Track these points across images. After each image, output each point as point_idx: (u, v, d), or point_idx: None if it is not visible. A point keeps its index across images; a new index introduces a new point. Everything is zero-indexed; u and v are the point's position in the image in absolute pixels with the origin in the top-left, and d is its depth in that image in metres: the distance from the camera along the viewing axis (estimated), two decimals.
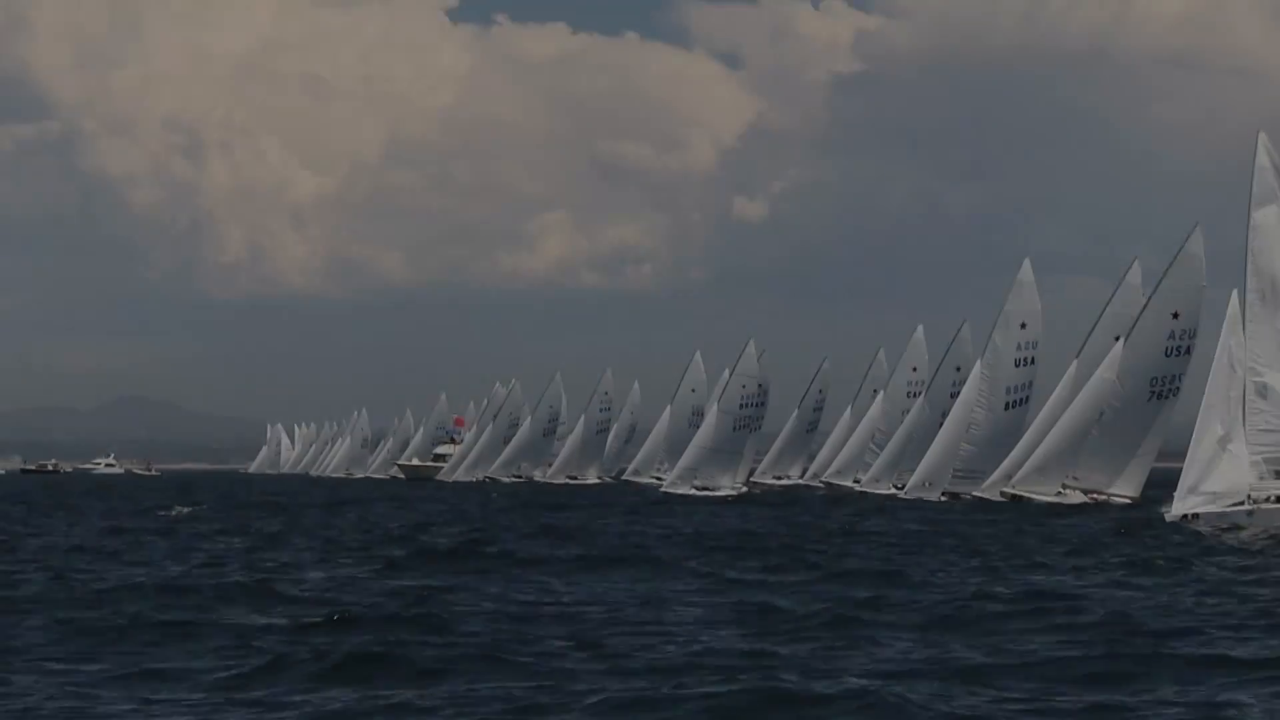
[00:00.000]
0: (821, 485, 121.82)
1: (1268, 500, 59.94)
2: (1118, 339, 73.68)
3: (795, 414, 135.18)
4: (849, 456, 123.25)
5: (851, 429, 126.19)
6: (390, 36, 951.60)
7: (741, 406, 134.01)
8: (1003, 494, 74.58)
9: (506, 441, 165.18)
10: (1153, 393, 72.55)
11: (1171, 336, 72.24)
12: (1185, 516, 58.02)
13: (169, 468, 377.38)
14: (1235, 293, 62.39)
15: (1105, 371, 72.18)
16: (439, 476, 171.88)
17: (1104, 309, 78.89)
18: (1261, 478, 59.85)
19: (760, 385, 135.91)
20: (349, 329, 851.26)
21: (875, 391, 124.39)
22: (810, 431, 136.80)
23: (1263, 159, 61.41)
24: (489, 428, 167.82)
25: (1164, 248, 65.41)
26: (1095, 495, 73.24)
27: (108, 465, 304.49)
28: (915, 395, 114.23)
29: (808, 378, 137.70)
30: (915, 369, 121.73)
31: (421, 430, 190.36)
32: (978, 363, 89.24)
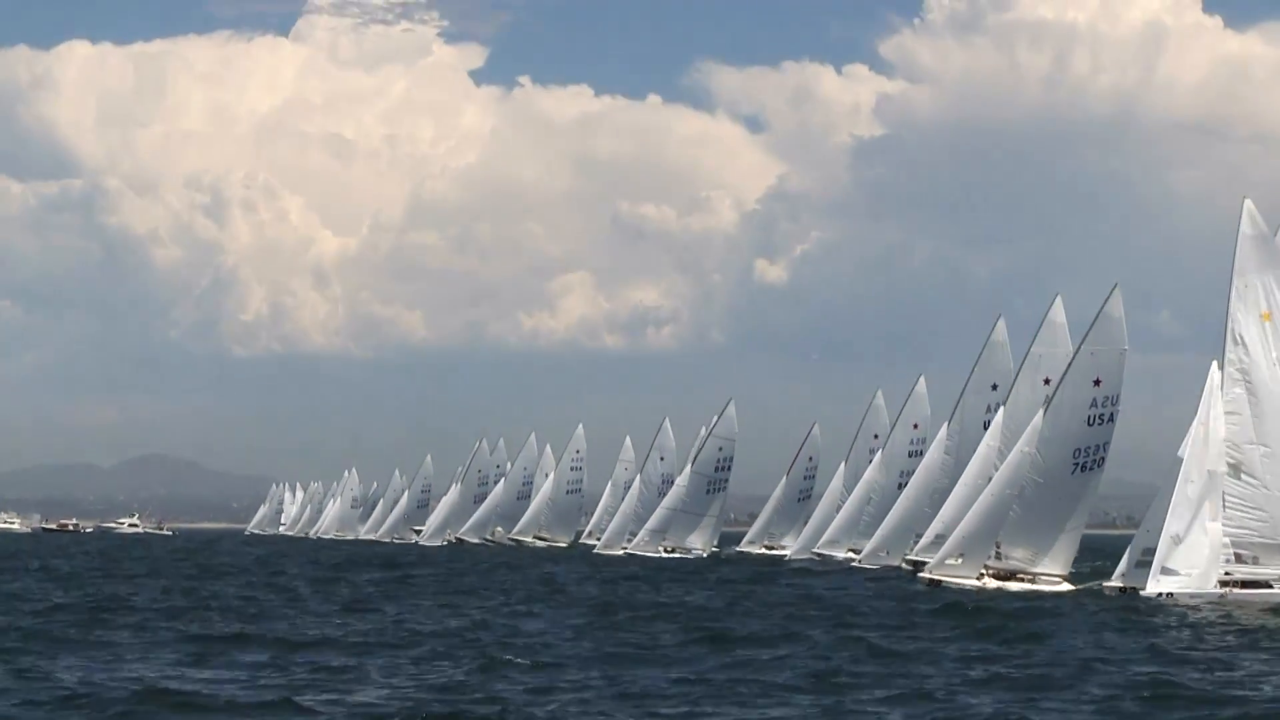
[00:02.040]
0: (816, 556, 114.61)
1: (1238, 584, 59.15)
2: (1044, 406, 69.17)
3: (784, 482, 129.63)
4: (842, 523, 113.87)
5: (839, 493, 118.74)
6: (414, 97, 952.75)
7: (716, 469, 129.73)
8: (907, 568, 70.02)
9: (477, 501, 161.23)
10: (1076, 464, 67.81)
11: (1094, 404, 67.52)
12: (1161, 595, 57.59)
13: (188, 526, 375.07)
14: (1215, 364, 60.30)
15: (1024, 445, 67.52)
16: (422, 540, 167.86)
17: (1027, 350, 75.22)
18: (1228, 560, 59.19)
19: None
20: (369, 388, 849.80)
21: (871, 452, 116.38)
22: (804, 500, 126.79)
23: (1246, 227, 59.60)
24: (456, 487, 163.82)
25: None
26: (1021, 576, 68.54)
27: (131, 525, 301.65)
28: (917, 455, 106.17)
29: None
30: (917, 425, 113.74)
31: (407, 493, 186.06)
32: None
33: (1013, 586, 67.31)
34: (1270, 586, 59.73)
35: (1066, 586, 68.10)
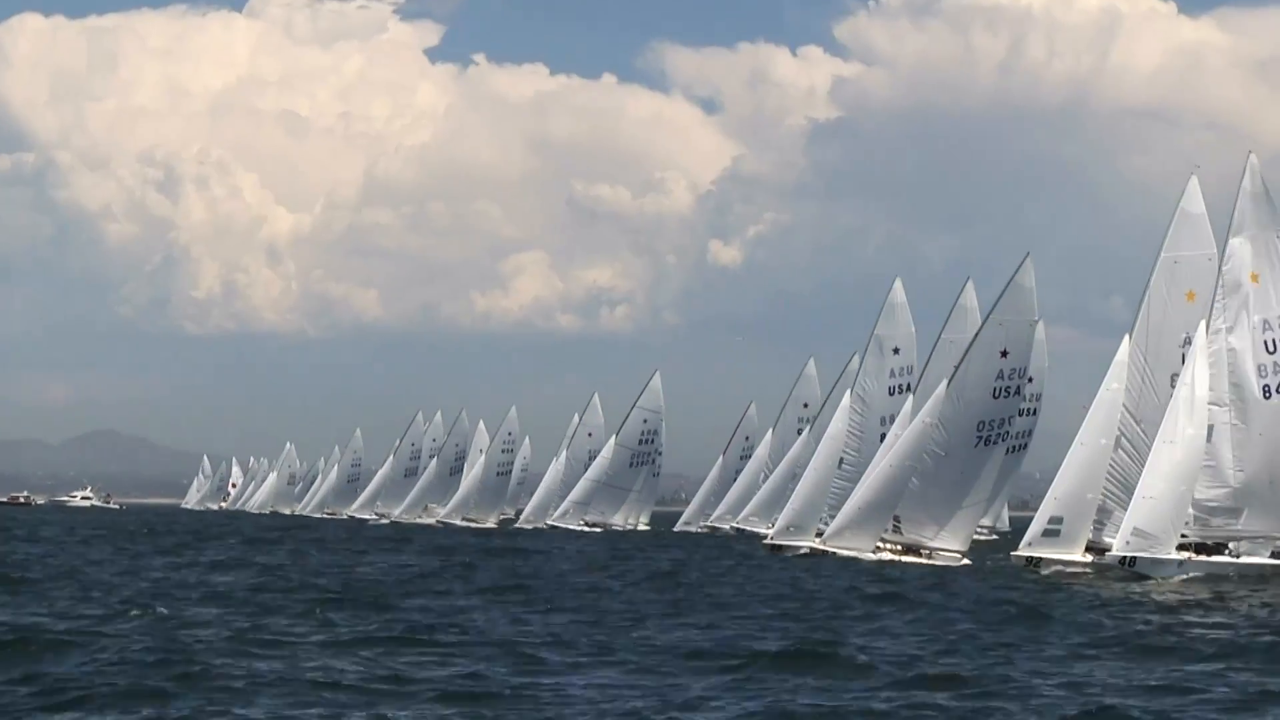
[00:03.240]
0: (731, 530, 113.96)
1: (1197, 552, 58.40)
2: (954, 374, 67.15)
3: (720, 462, 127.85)
4: (756, 499, 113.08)
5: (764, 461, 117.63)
6: (369, 74, 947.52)
7: (640, 442, 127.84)
8: (770, 546, 68.12)
9: (408, 475, 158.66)
10: (980, 437, 65.86)
11: (1000, 376, 65.59)
12: (1125, 561, 55.94)
13: (137, 502, 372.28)
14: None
15: (925, 416, 65.51)
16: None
17: (938, 337, 73.13)
18: (1187, 523, 58.14)
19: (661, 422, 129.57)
20: (322, 366, 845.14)
21: (800, 421, 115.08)
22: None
23: (1247, 183, 58.65)
24: (388, 464, 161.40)
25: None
26: (920, 551, 66.58)
27: (84, 498, 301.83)
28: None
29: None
30: (806, 405, 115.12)
31: (336, 468, 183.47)
32: (847, 394, 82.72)
33: (911, 561, 65.40)
34: (1226, 548, 58.83)
35: (966, 563, 66.22)
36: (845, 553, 65.05)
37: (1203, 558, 58.46)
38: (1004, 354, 65.35)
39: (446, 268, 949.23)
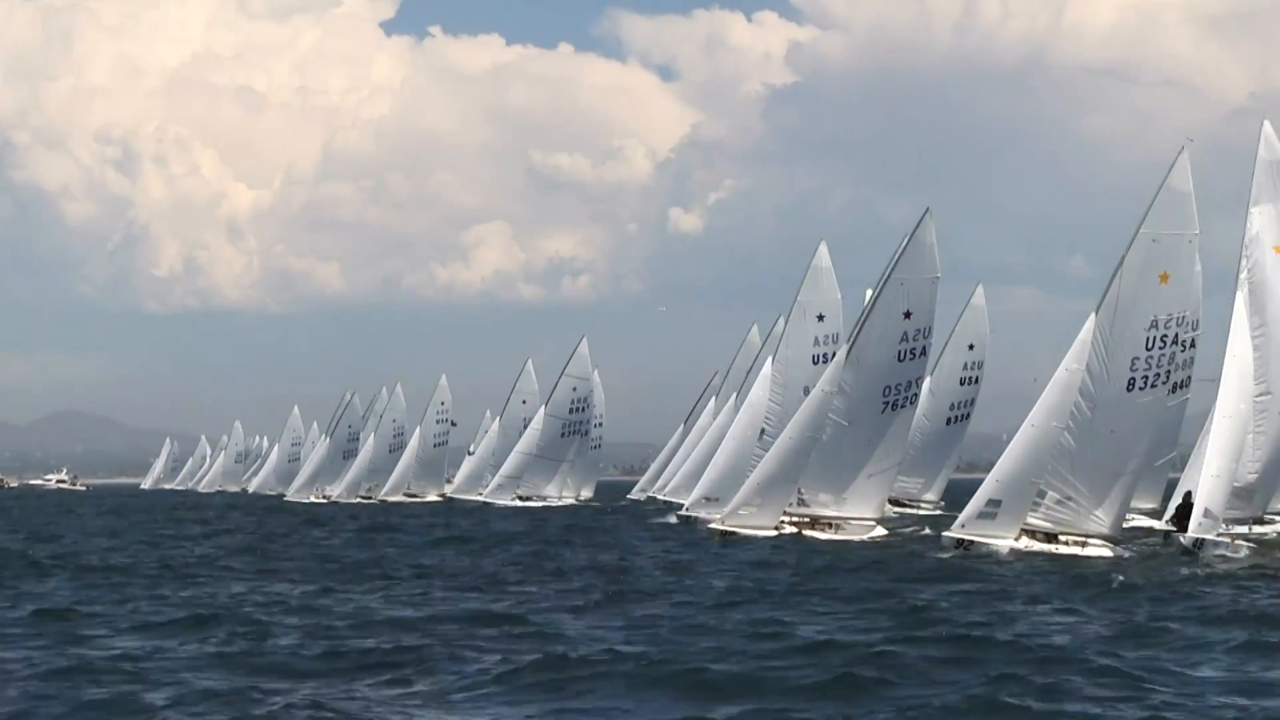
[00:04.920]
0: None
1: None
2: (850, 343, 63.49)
3: (680, 430, 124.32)
4: (681, 471, 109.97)
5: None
6: (324, 48, 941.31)
7: (571, 411, 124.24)
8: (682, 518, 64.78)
9: (346, 456, 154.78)
10: (886, 403, 62.17)
11: (904, 338, 61.86)
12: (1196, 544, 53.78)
13: (103, 483, 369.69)
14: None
15: (824, 384, 61.81)
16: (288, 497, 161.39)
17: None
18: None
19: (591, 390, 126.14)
20: (285, 341, 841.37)
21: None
22: None
23: (1263, 152, 56.30)
24: (324, 442, 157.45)
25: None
26: (826, 523, 63.02)
27: (59, 481, 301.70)
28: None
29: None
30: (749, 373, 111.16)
31: (277, 447, 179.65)
32: (768, 361, 79.17)
33: (818, 535, 61.89)
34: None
35: (880, 531, 62.89)
36: (747, 531, 61.47)
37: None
38: (907, 315, 61.58)
39: (407, 240, 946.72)
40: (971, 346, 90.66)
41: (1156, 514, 69.07)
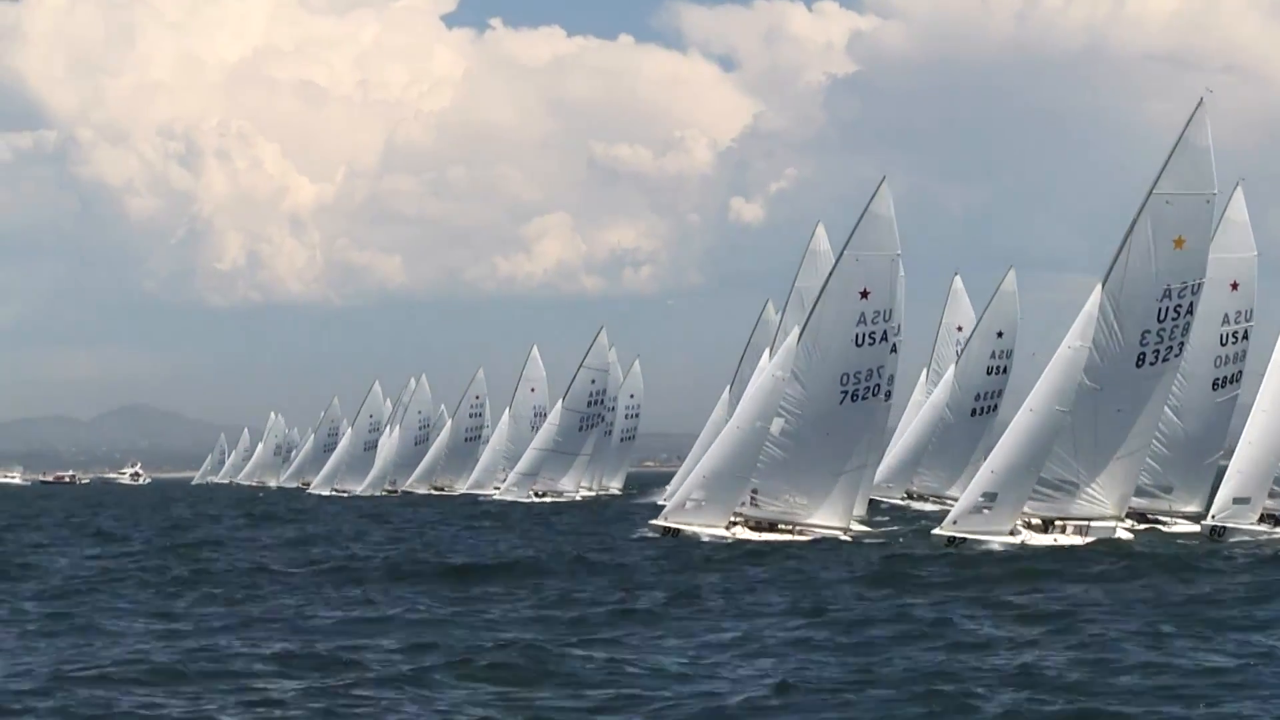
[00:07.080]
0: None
1: None
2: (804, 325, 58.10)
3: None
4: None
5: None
6: (385, 41, 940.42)
7: (590, 404, 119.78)
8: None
9: (368, 448, 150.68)
10: (845, 392, 56.76)
11: (862, 320, 56.43)
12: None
13: (170, 476, 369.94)
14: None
15: (775, 370, 56.49)
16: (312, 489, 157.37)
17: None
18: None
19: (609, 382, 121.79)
20: (348, 334, 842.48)
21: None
22: None
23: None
24: (348, 434, 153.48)
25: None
26: (783, 526, 57.66)
27: (133, 475, 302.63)
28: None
29: None
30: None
31: (313, 437, 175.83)
32: (765, 352, 73.97)
33: (771, 538, 56.54)
34: None
35: (847, 540, 57.37)
36: (691, 529, 56.34)
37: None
38: (864, 294, 56.14)
39: (469, 232, 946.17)
40: (1000, 334, 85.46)
41: (1198, 517, 61.74)
